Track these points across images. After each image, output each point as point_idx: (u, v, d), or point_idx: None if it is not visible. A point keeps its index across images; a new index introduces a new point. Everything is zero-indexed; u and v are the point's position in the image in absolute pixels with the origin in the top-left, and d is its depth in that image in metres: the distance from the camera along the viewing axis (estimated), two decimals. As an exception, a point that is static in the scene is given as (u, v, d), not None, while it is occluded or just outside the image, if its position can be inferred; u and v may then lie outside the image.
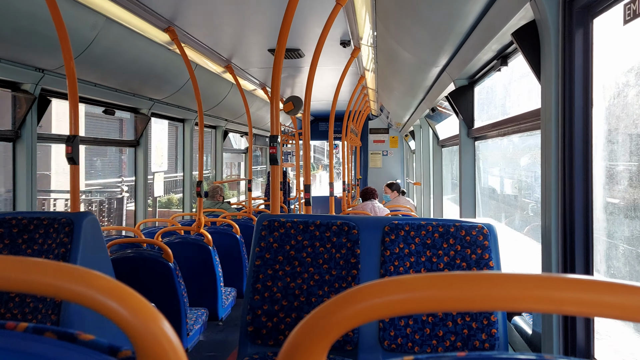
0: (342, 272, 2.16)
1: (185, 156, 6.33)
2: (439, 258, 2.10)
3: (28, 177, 3.34)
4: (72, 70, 2.50)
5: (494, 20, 2.16)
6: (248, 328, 2.15)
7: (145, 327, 0.47)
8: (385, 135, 11.60)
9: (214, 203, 6.09)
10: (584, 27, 1.57)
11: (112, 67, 3.81)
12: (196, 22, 3.72)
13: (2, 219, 2.32)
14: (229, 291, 4.29)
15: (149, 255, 3.19)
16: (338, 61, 5.11)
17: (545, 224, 1.76)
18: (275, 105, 2.43)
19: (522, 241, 3.65)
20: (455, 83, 3.41)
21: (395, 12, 2.89)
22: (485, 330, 1.99)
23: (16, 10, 2.64)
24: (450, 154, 5.97)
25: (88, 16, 3.10)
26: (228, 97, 6.10)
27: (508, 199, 4.13)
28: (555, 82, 1.66)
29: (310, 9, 3.39)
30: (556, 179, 1.68)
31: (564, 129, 1.63)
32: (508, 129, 2.66)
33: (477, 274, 0.45)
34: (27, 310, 2.16)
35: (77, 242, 2.19)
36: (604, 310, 0.43)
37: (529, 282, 0.44)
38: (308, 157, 3.31)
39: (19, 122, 3.32)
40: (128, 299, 0.48)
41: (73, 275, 0.49)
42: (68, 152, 2.48)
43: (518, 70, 2.67)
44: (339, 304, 0.47)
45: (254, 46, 4.59)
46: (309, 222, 2.24)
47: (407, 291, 0.46)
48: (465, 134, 3.49)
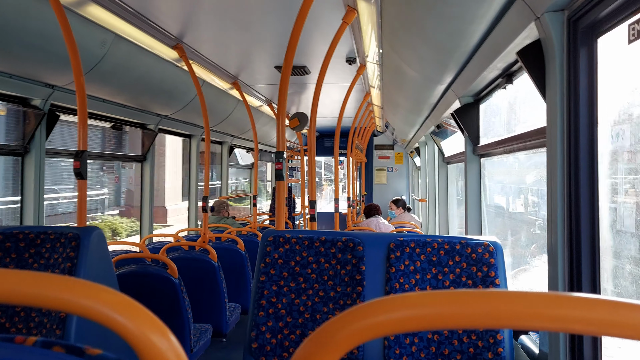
0: (347, 288, 2.15)
1: (192, 171, 6.36)
2: (445, 275, 2.09)
3: (36, 192, 3.37)
4: (81, 86, 2.53)
5: (499, 39, 2.18)
6: (252, 344, 2.14)
7: (153, 342, 0.47)
8: (390, 151, 11.62)
9: (219, 218, 6.10)
10: (588, 46, 1.58)
11: (120, 84, 3.86)
12: (204, 39, 3.78)
13: (10, 232, 2.33)
14: (233, 307, 4.28)
15: (154, 270, 3.19)
16: (344, 78, 5.15)
17: (551, 242, 1.76)
18: (281, 122, 2.45)
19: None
20: (460, 100, 3.43)
21: (401, 31, 2.92)
22: (492, 349, 1.97)
23: (28, 28, 2.69)
24: (455, 170, 5.97)
25: (98, 33, 3.16)
26: (234, 113, 6.15)
27: (515, 216, 4.11)
28: (561, 101, 1.66)
29: (317, 27, 3.44)
30: (562, 197, 1.68)
31: (570, 146, 1.63)
32: (514, 147, 2.67)
33: (484, 292, 0.45)
34: (32, 325, 2.16)
35: (84, 257, 2.20)
36: (611, 329, 0.43)
37: (536, 300, 0.44)
38: (313, 173, 3.32)
39: (28, 137, 3.36)
40: (136, 313, 0.48)
41: (81, 289, 0.49)
42: (76, 166, 2.50)
43: (523, 88, 2.68)
44: (347, 320, 0.47)
45: (261, 63, 4.64)
46: (314, 238, 2.24)
47: (415, 308, 0.46)
48: (471, 151, 3.49)
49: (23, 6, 2.56)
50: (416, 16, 2.46)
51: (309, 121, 3.37)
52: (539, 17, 1.68)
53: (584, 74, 1.59)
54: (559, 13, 1.63)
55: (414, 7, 2.37)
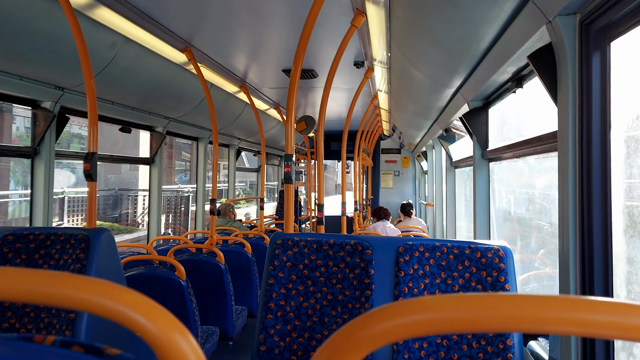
0: (356, 292, 2.14)
1: (199, 174, 6.38)
2: (454, 280, 2.08)
3: (45, 193, 3.39)
4: (91, 88, 2.55)
5: (509, 43, 2.17)
6: (260, 348, 2.13)
7: (174, 343, 0.47)
8: (397, 155, 11.60)
9: (226, 221, 6.11)
10: (601, 50, 1.57)
11: (129, 86, 3.88)
12: (213, 42, 3.79)
13: (20, 234, 2.34)
14: (240, 310, 4.28)
15: (161, 272, 3.20)
16: (351, 81, 5.15)
17: (562, 247, 1.74)
18: (290, 125, 2.45)
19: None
20: (469, 104, 3.42)
21: (409, 34, 2.92)
22: (501, 354, 1.95)
23: (39, 31, 2.71)
24: (462, 174, 5.95)
25: (107, 36, 3.18)
26: (242, 116, 6.16)
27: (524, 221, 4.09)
28: (573, 105, 1.65)
29: (325, 30, 3.44)
30: (574, 202, 1.67)
31: (582, 151, 1.62)
32: (524, 151, 2.65)
33: (495, 295, 0.45)
34: (42, 325, 2.17)
35: (93, 258, 2.21)
36: (623, 332, 0.42)
37: (549, 303, 0.44)
38: (321, 177, 3.32)
39: (38, 138, 3.38)
40: (156, 314, 0.48)
41: (102, 289, 0.49)
42: (86, 168, 2.51)
43: (533, 92, 2.67)
44: (365, 324, 0.47)
45: (269, 66, 4.65)
46: (323, 241, 2.23)
47: (432, 312, 0.46)
48: (480, 155, 3.48)
49: (34, 9, 2.58)
50: (425, 20, 2.46)
51: (317, 125, 3.36)
52: (550, 21, 1.68)
53: (596, 78, 1.58)
54: (571, 17, 1.62)
55: (424, 11, 2.37)
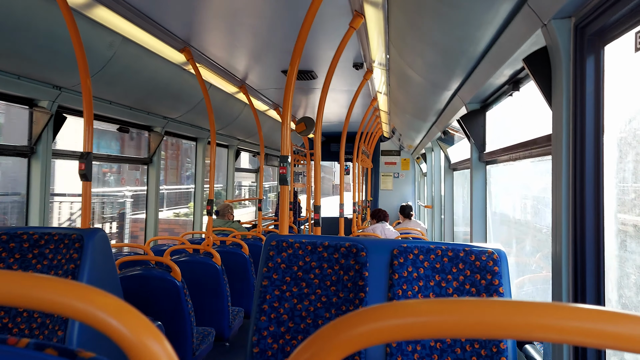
0: (350, 294, 2.14)
1: (197, 174, 6.38)
2: (448, 283, 2.08)
3: (42, 193, 3.39)
4: (88, 88, 2.54)
5: (505, 46, 2.17)
6: (254, 349, 2.13)
7: (145, 346, 0.47)
8: (396, 157, 11.60)
9: (225, 222, 6.11)
10: (595, 53, 1.57)
11: (127, 86, 3.87)
12: (211, 42, 3.79)
13: (14, 233, 2.34)
14: (236, 311, 4.27)
15: (157, 273, 3.19)
16: (350, 83, 5.15)
17: (555, 251, 1.74)
18: (286, 126, 2.45)
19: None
20: (467, 107, 3.42)
21: (408, 36, 2.91)
22: (495, 358, 1.95)
23: (36, 30, 2.71)
24: (461, 177, 5.94)
25: (105, 36, 3.17)
26: (241, 116, 6.16)
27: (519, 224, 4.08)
28: (567, 108, 1.65)
29: (324, 32, 3.44)
30: (567, 205, 1.66)
31: (575, 154, 1.62)
32: (519, 154, 2.65)
33: (487, 300, 0.44)
34: (35, 326, 2.17)
35: (86, 259, 2.20)
36: (614, 342, 0.42)
37: (540, 310, 0.43)
38: (318, 178, 3.32)
39: (34, 138, 3.38)
40: (128, 316, 0.48)
41: (74, 291, 0.49)
42: (81, 168, 2.51)
43: (530, 95, 2.66)
44: (343, 326, 0.46)
45: (268, 67, 4.64)
46: (317, 243, 2.23)
47: (416, 315, 0.45)
48: (477, 158, 3.47)
49: (31, 8, 2.58)
50: (423, 21, 2.46)
51: (315, 126, 3.36)
52: (545, 24, 1.67)
53: (590, 82, 1.58)
54: (565, 20, 1.62)
55: (421, 13, 2.36)
